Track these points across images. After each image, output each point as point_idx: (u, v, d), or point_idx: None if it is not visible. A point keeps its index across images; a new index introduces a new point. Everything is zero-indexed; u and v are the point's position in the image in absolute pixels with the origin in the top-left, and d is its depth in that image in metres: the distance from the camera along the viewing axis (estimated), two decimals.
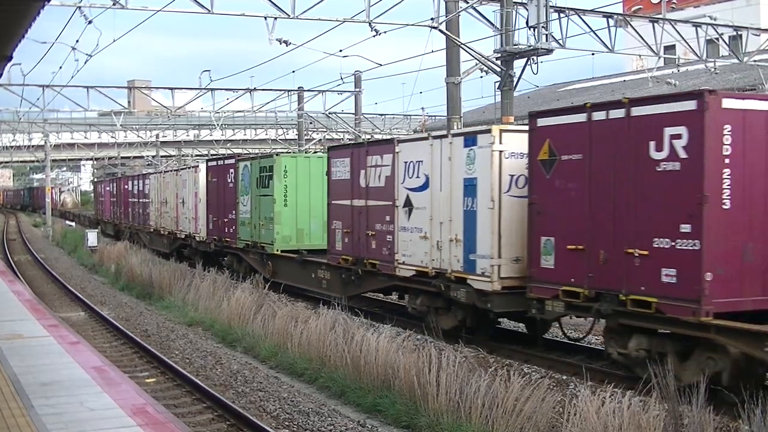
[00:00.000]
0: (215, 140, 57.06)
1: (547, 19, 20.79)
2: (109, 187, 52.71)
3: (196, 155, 60.31)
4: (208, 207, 28.90)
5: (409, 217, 16.83)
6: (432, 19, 21.19)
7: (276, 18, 21.26)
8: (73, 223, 60.51)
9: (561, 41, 22.84)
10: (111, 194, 51.43)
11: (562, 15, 23.08)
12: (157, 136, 61.56)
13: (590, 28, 24.18)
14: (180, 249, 32.79)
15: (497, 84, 21.50)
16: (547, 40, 20.92)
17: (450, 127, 20.34)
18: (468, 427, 9.84)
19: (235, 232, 26.10)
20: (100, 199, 58.36)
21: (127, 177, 47.91)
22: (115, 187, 49.57)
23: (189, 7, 20.56)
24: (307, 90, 41.72)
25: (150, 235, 38.26)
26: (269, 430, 10.31)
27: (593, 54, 26.15)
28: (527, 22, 20.88)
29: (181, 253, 32.24)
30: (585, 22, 23.99)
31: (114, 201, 50.11)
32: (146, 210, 39.36)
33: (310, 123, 45.87)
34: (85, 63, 59.05)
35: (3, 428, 7.88)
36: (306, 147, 42.52)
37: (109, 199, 52.19)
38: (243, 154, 34.43)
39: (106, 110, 67.23)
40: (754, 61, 28.59)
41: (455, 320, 15.80)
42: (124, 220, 45.86)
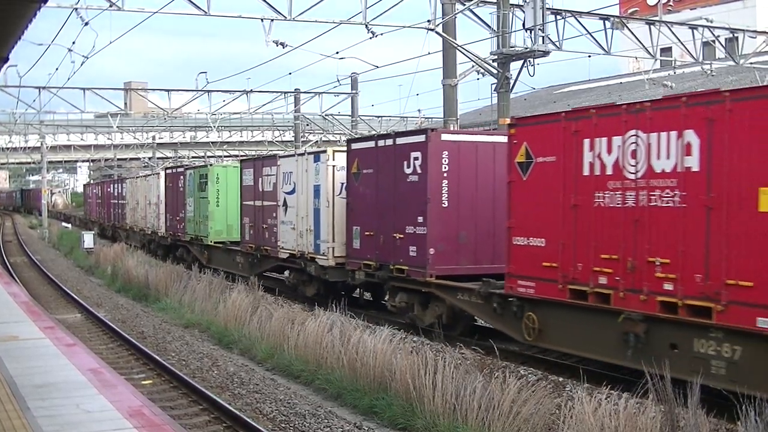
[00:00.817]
0: (212, 142, 56.95)
1: (543, 21, 20.81)
2: (96, 189, 58.49)
3: (193, 157, 60.15)
4: (166, 207, 34.68)
5: (286, 214, 22.55)
6: (429, 21, 21.24)
7: (273, 20, 21.31)
8: (69, 225, 60.48)
9: (557, 43, 22.88)
10: (97, 196, 56.91)
11: (558, 17, 23.11)
12: (154, 137, 61.46)
13: (587, 31, 24.25)
14: (149, 243, 38.10)
15: (494, 86, 21.53)
16: (543, 42, 20.95)
17: (447, 129, 20.36)
18: (464, 429, 9.82)
19: (184, 228, 31.72)
20: (88, 200, 63.63)
21: (110, 181, 53.19)
22: (100, 190, 55.24)
23: (186, 9, 20.59)
24: (304, 92, 41.75)
25: (127, 232, 43.91)
26: None
27: (590, 56, 26.22)
28: (524, 24, 20.91)
29: (149, 246, 37.52)
30: (581, 24, 24.05)
31: (99, 202, 55.55)
32: (123, 210, 45.21)
33: (307, 125, 45.89)
34: (82, 65, 59.32)
35: None
36: (303, 149, 42.48)
37: (95, 201, 57.77)
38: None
39: (102, 112, 67.38)
40: (751, 63, 28.66)
41: (315, 289, 21.29)
42: (107, 219, 51.34)
